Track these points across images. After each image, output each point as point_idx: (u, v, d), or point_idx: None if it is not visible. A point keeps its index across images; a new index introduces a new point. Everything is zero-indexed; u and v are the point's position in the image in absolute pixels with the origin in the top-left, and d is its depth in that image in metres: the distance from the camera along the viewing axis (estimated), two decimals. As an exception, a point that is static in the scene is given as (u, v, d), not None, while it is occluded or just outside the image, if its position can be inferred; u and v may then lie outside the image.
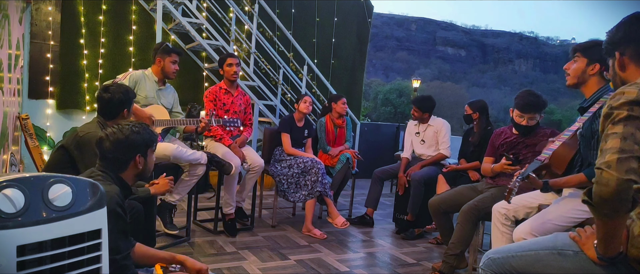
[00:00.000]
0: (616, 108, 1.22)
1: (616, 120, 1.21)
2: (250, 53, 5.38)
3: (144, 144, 1.72)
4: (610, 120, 1.23)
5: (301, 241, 3.43)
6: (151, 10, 4.85)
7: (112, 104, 2.37)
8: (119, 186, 1.62)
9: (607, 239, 1.27)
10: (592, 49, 1.99)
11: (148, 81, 3.19)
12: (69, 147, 2.23)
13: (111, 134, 1.67)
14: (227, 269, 2.72)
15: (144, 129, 1.74)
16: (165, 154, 2.94)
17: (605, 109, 1.26)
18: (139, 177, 1.77)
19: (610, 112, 1.23)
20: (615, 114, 1.22)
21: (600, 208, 1.16)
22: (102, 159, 1.69)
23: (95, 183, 1.24)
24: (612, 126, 1.21)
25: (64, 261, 1.09)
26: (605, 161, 1.15)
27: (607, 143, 1.19)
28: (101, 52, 4.66)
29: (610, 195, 1.12)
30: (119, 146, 1.67)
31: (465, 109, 3.74)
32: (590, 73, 2.00)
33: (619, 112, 1.21)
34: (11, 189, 1.01)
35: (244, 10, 5.36)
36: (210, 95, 3.54)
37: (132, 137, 1.68)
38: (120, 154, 1.68)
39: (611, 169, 1.13)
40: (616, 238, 1.26)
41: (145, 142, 1.72)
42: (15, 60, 3.62)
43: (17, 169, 3.64)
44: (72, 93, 4.57)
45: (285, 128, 3.86)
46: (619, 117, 1.20)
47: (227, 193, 3.43)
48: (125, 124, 1.72)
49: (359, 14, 6.54)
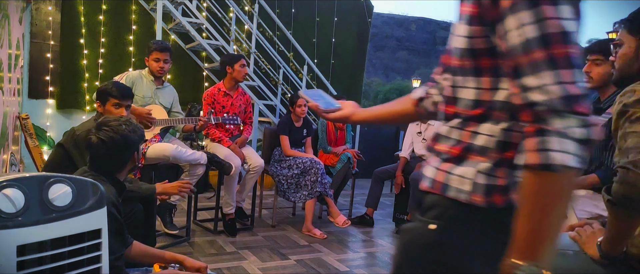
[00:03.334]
0: (631, 106, 1.19)
1: (633, 118, 1.17)
2: (250, 53, 5.38)
3: (139, 141, 1.71)
4: (625, 118, 1.19)
5: (301, 241, 3.43)
6: (151, 10, 4.85)
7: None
8: (113, 185, 1.60)
9: (619, 239, 1.26)
10: None
11: (145, 80, 3.18)
12: (67, 145, 2.22)
13: (108, 139, 1.60)
14: (227, 269, 2.72)
15: (135, 126, 1.71)
16: (165, 154, 2.93)
17: (618, 107, 1.23)
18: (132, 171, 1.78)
19: (625, 110, 1.20)
20: (631, 112, 1.18)
21: (622, 208, 1.14)
22: (94, 160, 1.64)
23: (95, 183, 1.24)
24: (630, 124, 1.18)
25: (64, 260, 1.09)
26: (630, 161, 1.11)
27: (627, 142, 1.16)
28: (101, 52, 4.66)
29: (637, 195, 1.09)
30: (117, 147, 1.62)
31: None
32: None
33: (635, 110, 1.17)
34: (11, 189, 1.01)
35: (244, 10, 5.36)
36: (208, 98, 3.52)
37: (130, 136, 1.65)
38: (119, 155, 1.64)
39: (638, 168, 1.10)
40: (627, 238, 1.26)
41: (140, 138, 1.71)
42: (15, 60, 3.62)
43: (17, 169, 3.64)
44: (72, 93, 4.57)
45: (283, 130, 3.85)
46: (637, 115, 1.17)
47: (227, 193, 3.43)
48: (115, 125, 1.65)
49: (359, 13, 6.54)
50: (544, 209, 0.70)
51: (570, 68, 0.69)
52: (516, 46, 0.72)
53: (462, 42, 0.83)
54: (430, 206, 0.87)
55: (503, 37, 0.75)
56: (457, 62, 0.86)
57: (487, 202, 0.80)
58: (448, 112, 0.90)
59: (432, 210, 0.86)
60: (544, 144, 0.68)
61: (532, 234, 0.71)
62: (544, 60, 0.69)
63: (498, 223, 0.81)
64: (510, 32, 0.73)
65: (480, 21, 0.79)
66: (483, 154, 0.82)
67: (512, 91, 0.77)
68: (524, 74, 0.72)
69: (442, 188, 0.86)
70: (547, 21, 0.70)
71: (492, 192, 0.81)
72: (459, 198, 0.83)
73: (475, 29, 0.80)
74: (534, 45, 0.70)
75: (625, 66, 1.40)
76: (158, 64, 3.16)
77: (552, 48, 0.69)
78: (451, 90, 0.89)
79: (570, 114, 0.68)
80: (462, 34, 0.83)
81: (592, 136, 0.69)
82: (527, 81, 0.71)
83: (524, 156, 0.71)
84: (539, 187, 0.70)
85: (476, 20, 0.80)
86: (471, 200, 0.81)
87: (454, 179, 0.85)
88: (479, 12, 0.79)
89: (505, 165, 0.80)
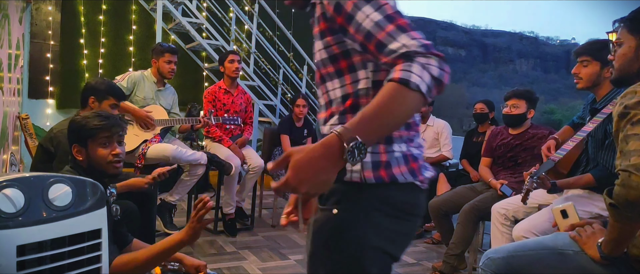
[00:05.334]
0: (632, 108, 1.17)
1: (634, 120, 1.16)
2: (250, 53, 5.38)
3: (77, 134, 1.59)
4: (627, 120, 1.18)
5: (301, 241, 3.43)
6: (151, 10, 4.85)
7: (84, 90, 2.38)
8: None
9: (620, 242, 1.26)
10: (602, 51, 1.91)
11: (147, 81, 3.18)
12: (46, 144, 2.22)
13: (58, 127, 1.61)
14: (227, 269, 2.72)
15: (86, 119, 1.60)
16: (165, 155, 2.94)
17: (619, 108, 1.21)
18: (92, 172, 1.59)
19: (626, 112, 1.18)
20: (632, 114, 1.17)
21: (625, 211, 1.13)
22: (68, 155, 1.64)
23: (96, 183, 1.24)
24: (631, 126, 1.16)
25: (64, 260, 1.09)
26: (632, 164, 1.10)
27: (629, 144, 1.14)
28: (101, 52, 4.66)
29: (638, 199, 1.08)
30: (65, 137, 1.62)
31: (476, 108, 3.73)
32: (606, 76, 1.94)
33: (636, 111, 1.16)
34: (11, 189, 1.01)
35: (244, 10, 5.36)
36: (209, 96, 3.53)
37: (71, 126, 1.61)
38: (65, 143, 1.63)
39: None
40: (629, 241, 1.25)
41: (79, 131, 1.59)
42: (15, 60, 3.62)
43: (17, 169, 3.64)
44: (72, 93, 4.56)
45: (284, 130, 3.86)
46: (638, 117, 1.15)
47: (227, 193, 3.43)
48: (76, 115, 1.64)
49: (359, 13, 6.53)
50: (389, 109, 0.81)
51: (414, 31, 0.87)
52: (371, 30, 0.88)
53: (322, 53, 1.00)
54: (330, 194, 0.96)
55: (357, 31, 0.90)
56: (323, 71, 1.02)
57: (375, 177, 0.92)
58: (326, 116, 1.04)
59: (333, 197, 0.96)
60: (408, 68, 0.82)
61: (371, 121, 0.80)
62: (395, 29, 0.86)
63: (385, 196, 0.94)
64: (362, 24, 0.89)
65: (331, 31, 0.97)
66: None
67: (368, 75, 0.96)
68: (386, 44, 0.86)
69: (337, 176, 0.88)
70: (384, 6, 0.89)
71: (378, 168, 0.93)
72: (353, 179, 0.93)
73: (329, 39, 0.97)
74: (384, 23, 0.87)
75: (625, 66, 1.38)
76: (170, 66, 3.21)
77: (396, 21, 0.87)
78: (326, 96, 1.04)
79: (431, 55, 0.83)
80: (321, 47, 1.00)
81: (444, 79, 0.84)
82: (391, 46, 0.86)
83: (391, 74, 0.83)
84: (393, 93, 0.81)
85: (327, 32, 0.97)
86: (363, 177, 0.93)
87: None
88: (328, 26, 0.96)
89: (382, 141, 0.94)
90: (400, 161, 0.95)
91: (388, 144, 0.95)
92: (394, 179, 0.93)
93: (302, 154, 0.77)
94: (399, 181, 0.94)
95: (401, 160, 0.95)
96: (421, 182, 0.98)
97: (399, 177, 0.94)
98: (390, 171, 0.93)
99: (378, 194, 0.94)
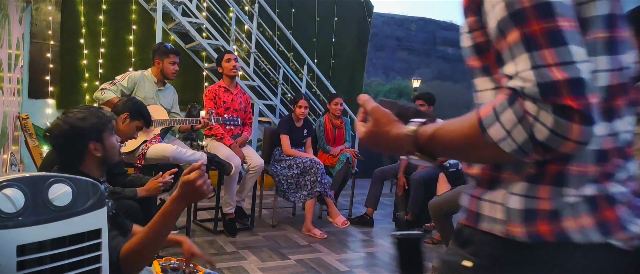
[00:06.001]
0: None
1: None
2: (250, 53, 5.38)
3: (94, 130, 1.58)
4: None
5: (301, 240, 3.43)
6: (151, 10, 4.85)
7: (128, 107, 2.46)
8: None
9: None
10: None
11: (147, 81, 3.19)
12: None
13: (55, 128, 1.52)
14: (227, 269, 2.72)
15: (91, 113, 1.59)
16: (165, 155, 2.93)
17: None
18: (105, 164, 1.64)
19: None
20: None
21: None
22: (57, 154, 1.60)
23: (95, 183, 1.24)
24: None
25: (64, 260, 1.09)
26: None
27: None
28: (101, 52, 4.66)
29: None
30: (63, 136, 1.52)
31: None
32: None
33: None
34: (11, 189, 1.01)
35: (244, 10, 5.36)
36: (210, 94, 3.54)
37: (78, 125, 1.54)
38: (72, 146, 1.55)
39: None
40: None
41: (94, 126, 1.58)
42: (15, 60, 3.62)
43: (17, 169, 3.64)
44: (72, 93, 4.57)
45: (284, 129, 3.86)
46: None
47: (227, 193, 3.43)
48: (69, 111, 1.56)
49: (359, 13, 6.54)
50: (458, 146, 0.65)
51: (554, 46, 0.55)
52: (493, 30, 0.62)
53: (467, 39, 0.72)
54: (466, 240, 0.73)
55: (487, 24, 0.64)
56: (470, 62, 0.74)
57: (528, 234, 0.64)
58: None
59: (469, 245, 0.72)
60: (501, 109, 0.57)
61: (439, 145, 0.68)
62: (519, 41, 0.57)
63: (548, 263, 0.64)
64: (488, 15, 0.63)
65: (473, 10, 0.68)
66: (517, 170, 0.66)
67: None
68: (505, 61, 0.60)
69: (475, 219, 0.72)
70: None
71: (534, 220, 0.63)
72: (493, 231, 0.68)
73: (471, 20, 0.69)
74: (508, 24, 0.59)
75: None
76: (174, 67, 3.24)
77: (526, 25, 0.57)
78: (475, 96, 0.75)
79: (550, 104, 0.54)
80: (465, 30, 0.72)
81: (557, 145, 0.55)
82: (506, 69, 0.60)
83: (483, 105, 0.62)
84: (467, 131, 0.62)
85: (470, 10, 0.69)
86: (508, 232, 0.65)
87: (485, 206, 0.70)
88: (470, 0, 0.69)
89: (546, 181, 0.64)
90: (579, 208, 0.63)
91: (557, 185, 0.63)
92: (564, 238, 0.62)
93: (380, 128, 0.74)
94: (574, 241, 0.62)
95: (581, 207, 0.63)
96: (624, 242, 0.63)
97: (573, 235, 0.62)
98: (557, 224, 0.63)
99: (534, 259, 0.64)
